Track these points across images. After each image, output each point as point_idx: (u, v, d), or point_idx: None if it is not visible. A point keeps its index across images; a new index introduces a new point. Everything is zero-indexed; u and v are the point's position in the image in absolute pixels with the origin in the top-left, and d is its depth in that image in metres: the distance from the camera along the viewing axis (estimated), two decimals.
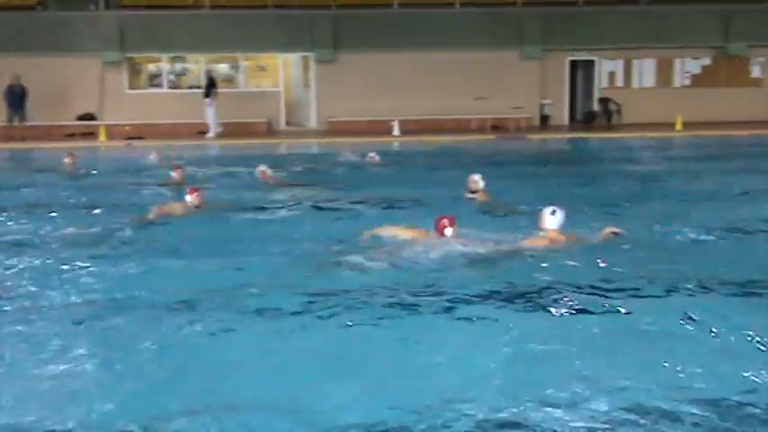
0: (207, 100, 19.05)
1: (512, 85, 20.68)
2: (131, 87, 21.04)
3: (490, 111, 19.67)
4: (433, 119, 20.37)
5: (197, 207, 7.93)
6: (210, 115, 19.10)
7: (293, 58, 22.02)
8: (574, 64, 21.81)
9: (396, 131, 19.29)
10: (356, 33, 20.80)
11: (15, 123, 19.01)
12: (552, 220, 6.18)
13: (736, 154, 15.11)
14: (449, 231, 6.11)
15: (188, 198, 7.97)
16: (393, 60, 20.72)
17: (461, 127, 20.05)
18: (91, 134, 19.21)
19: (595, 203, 8.38)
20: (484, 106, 19.62)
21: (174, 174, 10.43)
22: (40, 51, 19.53)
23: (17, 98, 18.87)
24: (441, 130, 19.54)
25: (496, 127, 19.83)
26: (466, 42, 20.65)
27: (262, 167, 10.66)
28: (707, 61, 21.72)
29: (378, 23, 20.91)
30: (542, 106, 21.54)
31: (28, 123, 19.13)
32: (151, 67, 21.58)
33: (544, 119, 21.59)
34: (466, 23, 20.88)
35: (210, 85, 19.19)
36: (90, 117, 20.12)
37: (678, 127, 19.08)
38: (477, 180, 8.51)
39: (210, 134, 19.18)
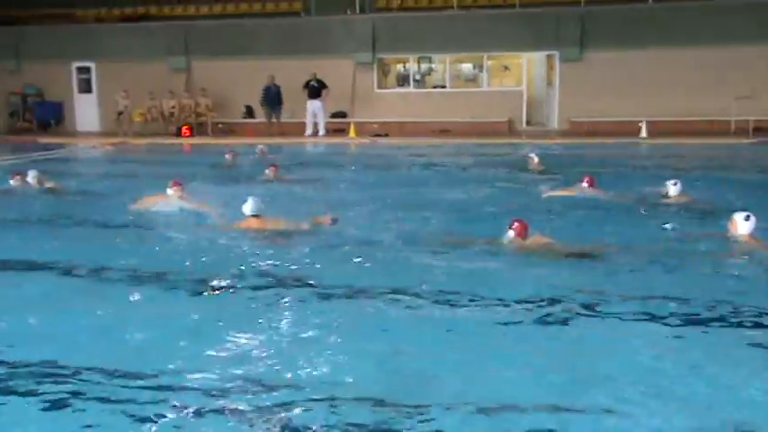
0: (318, 102, 19.87)
1: None
2: (380, 87, 22.07)
3: (753, 112, 17.90)
4: (686, 120, 18.98)
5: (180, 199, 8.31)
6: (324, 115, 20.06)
7: (537, 56, 21.72)
8: None
9: (643, 133, 18.28)
10: (605, 31, 19.99)
11: (273, 121, 20.73)
12: (746, 225, 6.29)
13: None
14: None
15: (169, 191, 8.32)
16: (643, 58, 19.60)
17: (718, 129, 18.47)
18: (342, 131, 20.48)
19: None
20: (746, 107, 17.89)
21: (268, 171, 11.10)
22: (299, 54, 21.15)
23: (273, 97, 20.58)
24: (694, 132, 18.14)
25: (759, 129, 17.97)
26: (726, 38, 18.96)
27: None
28: None
29: (628, 20, 19.90)
30: None
31: (283, 120, 20.72)
32: (399, 68, 22.48)
33: None
34: (726, 17, 19.18)
35: (321, 86, 19.96)
36: (342, 115, 21.44)
37: None
38: (669, 184, 8.70)
39: (322, 132, 20.04)
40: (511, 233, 6.42)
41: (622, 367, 3.90)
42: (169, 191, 8.32)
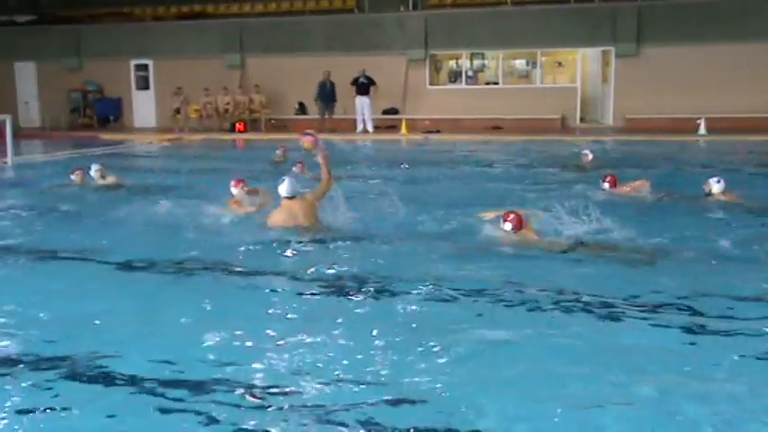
0: (366, 98, 19.97)
1: None
2: (432, 83, 22.02)
3: None
4: (747, 117, 18.47)
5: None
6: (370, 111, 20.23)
7: (592, 52, 21.41)
8: None
9: (702, 130, 17.86)
10: (662, 25, 19.61)
11: (326, 117, 20.80)
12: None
13: None
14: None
15: (233, 190, 8.20)
16: (702, 53, 19.18)
17: None
18: (394, 127, 20.51)
19: None
20: None
21: (295, 168, 10.89)
22: (352, 51, 21.23)
23: (329, 94, 20.67)
24: (755, 129, 17.61)
25: None
26: None
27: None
28: None
29: (687, 14, 19.48)
30: None
31: (335, 117, 20.79)
32: (451, 64, 22.41)
33: None
34: None
35: (370, 83, 20.03)
36: (394, 111, 21.47)
37: None
38: (712, 182, 8.33)
39: (370, 128, 20.21)
40: (508, 226, 6.28)
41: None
42: (233, 190, 8.23)
